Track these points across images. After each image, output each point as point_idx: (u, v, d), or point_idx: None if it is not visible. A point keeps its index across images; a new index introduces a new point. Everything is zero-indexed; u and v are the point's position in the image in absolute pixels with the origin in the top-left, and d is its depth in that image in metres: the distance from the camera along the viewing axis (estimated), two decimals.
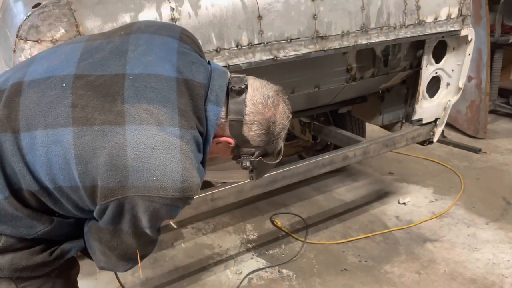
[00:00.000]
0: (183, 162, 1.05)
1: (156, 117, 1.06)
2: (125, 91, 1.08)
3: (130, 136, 1.03)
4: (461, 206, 3.20)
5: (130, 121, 1.04)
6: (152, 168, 1.02)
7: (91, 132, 1.04)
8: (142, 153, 1.02)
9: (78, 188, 1.07)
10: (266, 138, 1.21)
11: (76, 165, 1.04)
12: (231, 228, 3.03)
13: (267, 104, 1.19)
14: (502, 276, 2.47)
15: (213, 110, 1.16)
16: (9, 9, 1.70)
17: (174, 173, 1.03)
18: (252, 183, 2.21)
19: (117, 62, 1.13)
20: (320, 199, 3.38)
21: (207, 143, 1.18)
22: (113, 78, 1.10)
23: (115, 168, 1.02)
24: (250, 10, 1.84)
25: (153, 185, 1.02)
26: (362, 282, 2.46)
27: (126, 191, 1.02)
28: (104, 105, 1.06)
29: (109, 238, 1.15)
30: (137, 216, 1.07)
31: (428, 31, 2.42)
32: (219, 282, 2.51)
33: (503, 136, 4.49)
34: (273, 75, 2.28)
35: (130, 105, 1.06)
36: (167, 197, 1.04)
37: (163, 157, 1.03)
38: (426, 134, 2.93)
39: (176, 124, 1.07)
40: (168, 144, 1.05)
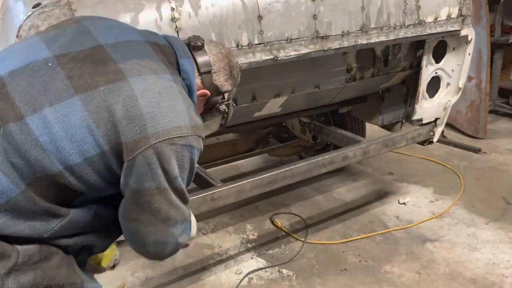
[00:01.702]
0: (185, 102, 1.16)
1: (149, 67, 1.15)
2: (112, 55, 1.14)
3: (136, 87, 1.09)
4: (461, 206, 3.20)
5: (130, 75, 1.11)
6: (163, 112, 1.09)
7: (98, 93, 1.07)
8: (151, 99, 1.09)
9: (104, 153, 1.07)
10: (232, 82, 1.39)
11: (97, 129, 1.06)
12: (231, 228, 3.03)
13: (222, 52, 1.36)
14: (502, 276, 2.47)
15: (187, 62, 1.27)
16: (9, 9, 1.70)
17: (182, 112, 1.13)
18: (252, 183, 2.22)
19: (88, 39, 1.17)
20: (320, 199, 3.38)
21: (193, 94, 1.28)
22: (93, 49, 1.14)
23: (133, 119, 1.07)
24: (250, 10, 1.84)
25: (169, 126, 1.09)
26: (362, 282, 2.46)
27: (148, 140, 1.07)
28: (98, 69, 1.10)
29: (148, 200, 1.13)
30: (165, 163, 1.09)
31: (428, 31, 2.42)
32: (219, 282, 2.51)
33: (503, 136, 4.49)
34: (273, 75, 2.30)
35: (123, 63, 1.13)
36: (183, 135, 1.11)
37: (169, 99, 1.12)
38: (426, 134, 2.93)
39: (167, 71, 1.18)
40: (169, 87, 1.15)
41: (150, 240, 1.20)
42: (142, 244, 1.22)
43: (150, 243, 1.21)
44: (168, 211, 1.16)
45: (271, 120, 2.84)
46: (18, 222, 1.06)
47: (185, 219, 1.24)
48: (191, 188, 2.39)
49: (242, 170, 3.91)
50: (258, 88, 2.30)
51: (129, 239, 1.22)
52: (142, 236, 1.19)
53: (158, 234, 1.19)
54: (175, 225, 1.20)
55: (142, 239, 1.20)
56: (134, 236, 1.21)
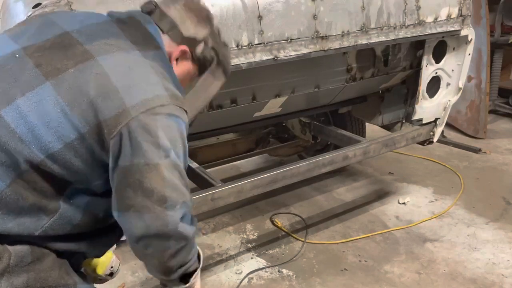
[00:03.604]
0: (157, 75, 1.12)
1: (117, 46, 1.12)
2: (78, 38, 1.12)
3: (105, 64, 1.07)
4: (461, 206, 3.20)
5: (97, 54, 1.09)
6: (138, 83, 1.08)
7: (68, 76, 1.05)
8: (122, 73, 1.08)
9: (83, 136, 1.04)
10: (204, 23, 1.29)
11: (71, 112, 1.03)
12: (231, 228, 3.03)
13: (180, 2, 1.28)
14: (502, 276, 2.47)
15: (151, 27, 1.22)
16: (9, 9, 1.70)
17: (156, 82, 1.10)
18: (252, 183, 2.22)
19: (53, 29, 1.16)
20: (320, 199, 3.38)
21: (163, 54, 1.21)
22: (59, 37, 1.13)
23: (108, 94, 1.04)
24: (250, 10, 1.84)
25: (147, 96, 1.06)
26: (362, 282, 2.46)
27: (128, 114, 1.03)
28: (67, 53, 1.09)
29: (139, 178, 1.05)
30: (152, 134, 1.05)
31: (428, 31, 2.42)
32: (219, 282, 2.51)
33: (503, 136, 4.49)
34: (273, 75, 2.30)
35: (90, 45, 1.11)
36: (165, 104, 1.08)
37: (141, 71, 1.10)
38: (426, 134, 2.93)
39: (135, 48, 1.15)
40: (139, 62, 1.12)
41: (151, 234, 1.10)
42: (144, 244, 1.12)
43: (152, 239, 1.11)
44: (163, 191, 1.07)
45: (271, 120, 2.84)
46: (6, 220, 1.04)
47: (185, 202, 1.13)
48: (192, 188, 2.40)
49: (242, 170, 3.91)
50: (258, 88, 2.30)
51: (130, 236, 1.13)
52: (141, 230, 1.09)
53: (157, 223, 1.09)
54: (173, 207, 1.10)
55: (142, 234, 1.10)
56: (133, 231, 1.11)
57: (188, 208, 1.16)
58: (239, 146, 3.33)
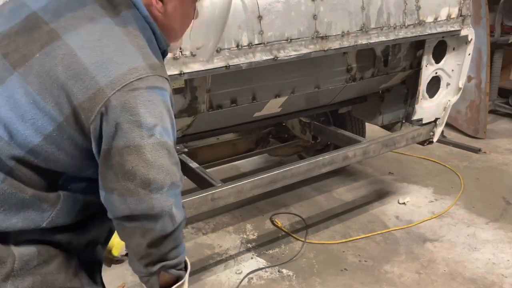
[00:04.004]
0: (132, 42, 1.02)
1: (84, 17, 1.03)
2: (43, 17, 1.04)
3: (72, 42, 0.99)
4: (461, 206, 3.20)
5: (63, 31, 1.01)
6: (110, 57, 0.98)
7: (35, 62, 0.99)
8: (91, 48, 0.98)
9: (61, 125, 0.98)
10: None
11: (44, 101, 0.97)
12: (231, 228, 3.03)
13: None
14: (502, 276, 2.47)
15: None
16: None
17: (131, 52, 1.01)
18: (252, 183, 2.22)
19: (22, 11, 1.08)
20: (320, 199, 3.38)
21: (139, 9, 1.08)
22: (25, 19, 1.05)
23: (78, 75, 0.96)
24: (250, 10, 1.84)
25: (122, 71, 0.97)
26: (362, 282, 2.46)
27: (103, 93, 0.95)
28: (32, 37, 1.02)
29: (119, 161, 0.98)
30: (132, 113, 0.97)
31: (428, 31, 2.42)
32: (219, 282, 2.51)
33: (503, 136, 4.49)
34: (273, 75, 2.30)
35: (56, 22, 1.03)
36: (142, 77, 0.98)
37: (113, 42, 1.00)
38: (426, 134, 2.93)
39: (105, 15, 1.04)
40: (110, 31, 1.02)
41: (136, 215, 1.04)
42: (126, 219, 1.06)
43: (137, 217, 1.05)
44: (146, 173, 0.99)
45: (271, 120, 2.84)
46: (9, 215, 1.01)
47: (174, 183, 1.05)
48: (192, 188, 2.41)
49: (242, 170, 3.90)
50: (258, 88, 2.30)
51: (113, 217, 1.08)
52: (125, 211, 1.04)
53: (142, 205, 1.02)
54: (160, 190, 1.02)
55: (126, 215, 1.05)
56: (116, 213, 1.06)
57: (178, 189, 1.08)
58: (239, 146, 3.33)
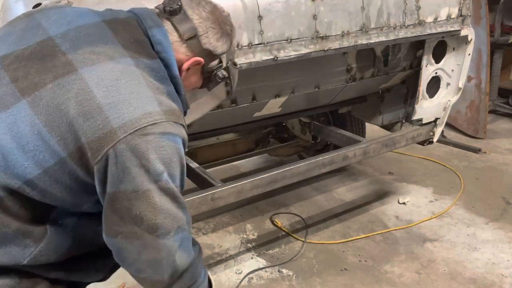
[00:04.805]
0: (150, 86, 1.01)
1: (104, 54, 1.00)
2: (61, 46, 1.00)
3: (89, 78, 0.96)
4: (460, 206, 3.20)
5: (81, 65, 0.97)
6: (126, 99, 0.95)
7: (46, 92, 0.95)
8: (109, 88, 0.95)
9: (64, 161, 0.94)
10: (226, 39, 1.19)
11: (50, 134, 0.93)
12: (231, 228, 3.03)
13: (206, 9, 1.17)
14: (501, 276, 2.47)
15: (158, 32, 1.10)
16: (10, 10, 1.69)
17: (148, 96, 0.98)
18: (252, 183, 2.22)
19: (37, 33, 1.04)
20: (320, 199, 3.38)
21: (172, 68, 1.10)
22: (40, 43, 1.01)
23: (90, 113, 0.93)
24: (250, 10, 1.84)
25: (136, 115, 0.94)
26: (362, 282, 2.46)
27: (115, 135, 0.92)
28: (46, 65, 0.98)
29: (127, 205, 0.96)
30: (141, 158, 0.94)
31: (428, 31, 2.42)
32: (219, 282, 2.51)
33: (503, 136, 4.49)
34: (273, 75, 2.30)
35: (73, 54, 0.99)
36: (156, 122, 0.96)
37: (130, 84, 0.98)
38: (426, 134, 2.93)
39: (126, 55, 1.02)
40: (129, 72, 1.00)
41: (142, 260, 1.02)
42: (136, 268, 1.05)
43: (144, 265, 1.03)
44: (153, 218, 0.98)
45: (271, 120, 2.84)
46: None
47: (180, 227, 1.04)
48: (192, 188, 2.41)
49: (242, 170, 3.91)
50: (258, 88, 2.30)
51: (120, 260, 1.05)
52: (132, 255, 1.02)
53: (149, 250, 1.01)
54: (166, 235, 1.01)
55: (133, 260, 1.03)
56: (123, 256, 1.04)
57: (185, 232, 1.07)
58: (239, 146, 3.33)
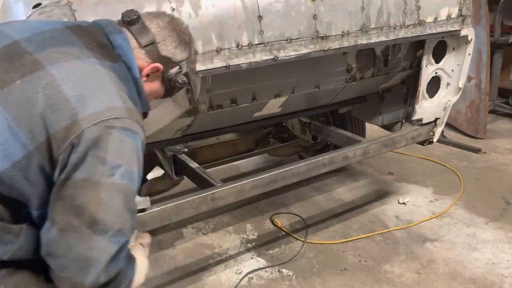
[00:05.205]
0: (114, 84, 1.06)
1: (70, 54, 1.05)
2: (27, 47, 1.05)
3: (56, 73, 1.00)
4: (460, 206, 3.20)
5: (48, 63, 1.02)
6: (92, 93, 1.00)
7: (15, 88, 0.98)
8: (75, 82, 1.00)
9: (32, 154, 0.96)
10: (184, 47, 1.24)
11: (18, 127, 0.96)
12: (231, 228, 3.03)
13: (164, 19, 1.23)
14: (501, 276, 2.47)
15: (119, 37, 1.16)
16: (10, 9, 1.70)
17: (113, 93, 1.04)
18: (252, 183, 2.22)
19: (2, 39, 1.08)
20: (320, 199, 3.38)
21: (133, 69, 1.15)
22: (6, 47, 1.05)
23: (58, 105, 0.96)
24: (250, 10, 1.84)
25: (101, 107, 0.99)
26: (362, 282, 2.46)
27: (80, 125, 0.95)
28: (14, 64, 1.01)
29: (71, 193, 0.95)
30: (100, 148, 0.96)
31: (428, 31, 2.42)
32: (219, 282, 2.51)
33: (503, 136, 4.49)
34: (273, 75, 2.30)
35: (40, 54, 1.03)
36: (120, 117, 1.00)
37: (97, 81, 1.04)
38: (426, 134, 2.93)
39: (91, 55, 1.07)
40: (95, 70, 1.05)
41: (70, 257, 0.98)
42: (61, 265, 0.99)
43: (70, 262, 0.98)
44: (95, 212, 0.96)
45: (271, 120, 2.84)
46: None
47: (121, 230, 0.99)
48: (192, 188, 2.41)
49: (242, 170, 3.91)
50: (258, 88, 2.30)
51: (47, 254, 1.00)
52: (61, 250, 0.98)
53: (81, 246, 0.97)
54: (103, 233, 0.97)
55: (60, 254, 0.98)
56: (52, 249, 0.99)
57: (125, 239, 1.02)
58: (239, 146, 3.33)
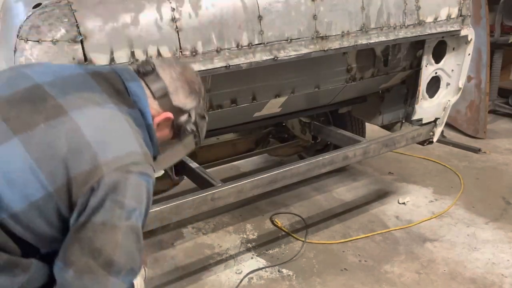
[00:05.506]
0: (132, 129, 1.13)
1: (91, 100, 1.10)
2: (50, 92, 1.09)
3: (78, 119, 1.05)
4: (460, 206, 3.20)
5: (71, 108, 1.06)
6: (112, 139, 1.06)
7: (39, 131, 1.02)
8: (97, 128, 1.06)
9: (50, 195, 1.00)
10: (194, 96, 1.31)
11: (40, 169, 0.99)
12: (231, 228, 3.03)
13: (177, 70, 1.29)
14: (501, 276, 2.47)
15: (134, 85, 1.21)
16: (10, 9, 1.70)
17: (131, 139, 1.10)
18: (252, 183, 2.22)
19: (24, 80, 1.12)
20: (320, 199, 3.38)
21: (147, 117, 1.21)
22: (29, 89, 1.09)
23: (80, 149, 1.01)
24: (250, 10, 1.84)
25: (121, 153, 1.04)
26: (362, 282, 2.46)
27: (100, 170, 1.00)
28: (38, 107, 1.05)
29: (90, 236, 0.99)
30: (119, 193, 1.01)
31: (428, 31, 2.42)
32: (219, 282, 2.51)
33: (503, 136, 4.49)
34: (273, 75, 2.30)
35: (63, 99, 1.08)
36: (138, 162, 1.06)
37: (117, 126, 1.09)
38: (426, 134, 2.93)
39: (110, 102, 1.13)
40: (115, 116, 1.11)
41: None
42: None
43: None
44: (111, 254, 1.01)
45: (271, 120, 2.84)
46: None
47: (133, 269, 1.07)
48: (192, 188, 2.41)
49: (242, 170, 3.91)
50: (258, 88, 2.30)
51: None
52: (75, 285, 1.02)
53: (96, 286, 1.02)
54: (118, 274, 1.03)
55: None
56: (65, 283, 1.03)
57: (135, 276, 1.10)
58: (239, 146, 3.33)
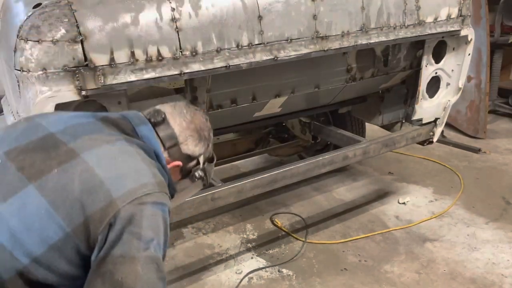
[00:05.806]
0: (144, 161, 1.15)
1: (101, 139, 1.14)
2: (62, 138, 1.14)
3: (90, 159, 1.08)
4: (460, 206, 3.20)
5: (81, 150, 1.10)
6: (124, 173, 1.09)
7: (52, 176, 1.05)
8: (108, 165, 1.09)
9: (68, 235, 1.02)
10: (202, 144, 1.33)
11: (56, 212, 1.02)
12: (231, 228, 3.03)
13: (187, 118, 1.31)
14: (501, 275, 2.47)
15: (144, 129, 1.24)
16: (10, 9, 1.70)
17: (143, 170, 1.12)
18: (252, 183, 2.22)
19: (38, 130, 1.17)
20: (320, 199, 3.38)
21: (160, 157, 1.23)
22: (42, 139, 1.14)
23: (93, 188, 1.04)
24: (251, 10, 1.84)
25: (134, 186, 1.07)
26: (362, 282, 2.46)
27: (115, 205, 1.02)
28: (50, 154, 1.09)
29: (111, 269, 1.01)
30: (135, 225, 1.03)
31: (428, 31, 2.42)
32: (219, 282, 2.51)
33: (503, 136, 4.49)
34: (273, 75, 2.30)
35: (74, 143, 1.12)
36: (151, 192, 1.08)
37: (127, 160, 1.12)
38: (426, 134, 2.93)
39: (121, 138, 1.17)
40: (125, 151, 1.14)
41: None
42: None
43: None
44: (133, 285, 1.02)
45: (271, 120, 2.84)
46: None
47: None
48: None
49: (242, 170, 3.91)
50: (258, 88, 2.30)
51: None
52: None
53: None
54: None
55: None
56: None
57: None
58: (239, 146, 3.33)
